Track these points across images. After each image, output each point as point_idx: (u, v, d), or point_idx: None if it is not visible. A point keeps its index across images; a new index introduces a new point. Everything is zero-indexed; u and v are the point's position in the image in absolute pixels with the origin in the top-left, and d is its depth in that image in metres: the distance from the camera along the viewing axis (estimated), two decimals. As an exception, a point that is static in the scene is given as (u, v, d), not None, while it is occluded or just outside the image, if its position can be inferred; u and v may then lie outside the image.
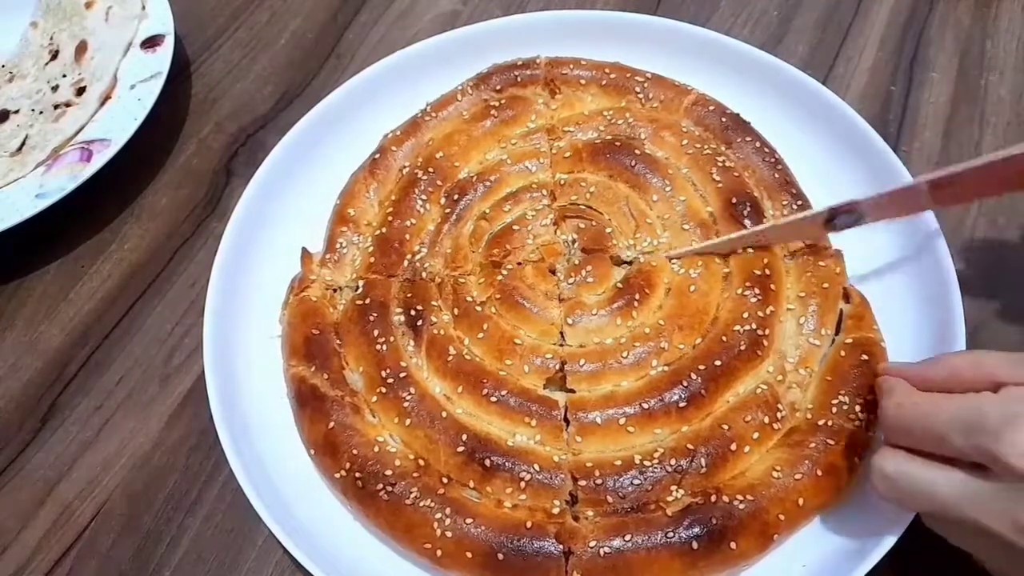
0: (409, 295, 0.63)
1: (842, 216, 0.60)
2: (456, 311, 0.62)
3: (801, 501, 0.53)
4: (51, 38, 0.84)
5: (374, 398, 0.59)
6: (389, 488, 0.54)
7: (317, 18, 0.90)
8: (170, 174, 0.78)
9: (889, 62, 0.81)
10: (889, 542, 0.51)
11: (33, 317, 0.70)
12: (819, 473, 0.53)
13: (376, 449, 0.56)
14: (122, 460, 0.63)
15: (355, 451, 0.56)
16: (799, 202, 0.66)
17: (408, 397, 0.58)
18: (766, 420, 0.56)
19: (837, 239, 0.64)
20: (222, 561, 0.59)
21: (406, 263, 0.65)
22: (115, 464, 0.63)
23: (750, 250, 0.63)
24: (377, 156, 0.71)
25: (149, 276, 0.72)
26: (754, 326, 0.59)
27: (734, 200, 0.65)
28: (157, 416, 0.65)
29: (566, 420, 0.57)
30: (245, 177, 0.70)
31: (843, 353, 0.58)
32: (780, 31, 0.85)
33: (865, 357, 0.58)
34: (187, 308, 0.70)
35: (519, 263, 0.64)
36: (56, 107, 0.78)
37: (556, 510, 0.53)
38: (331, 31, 0.88)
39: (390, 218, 0.67)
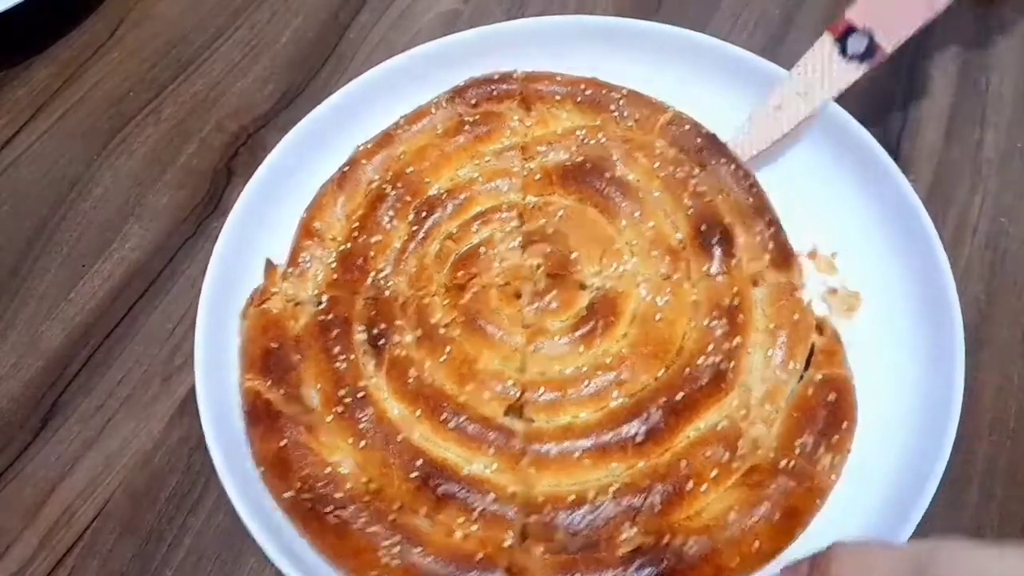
0: (373, 313, 0.62)
1: (851, 39, 0.52)
2: (419, 332, 0.60)
3: (757, 545, 0.51)
4: None
5: (329, 417, 0.58)
6: (339, 511, 0.53)
7: (318, 17, 0.89)
8: (171, 173, 0.78)
9: (889, 62, 0.81)
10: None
11: (34, 317, 0.70)
12: (777, 516, 0.52)
13: (328, 470, 0.55)
14: (124, 460, 0.63)
15: (306, 471, 0.55)
16: (772, 228, 0.64)
17: (364, 418, 0.57)
18: (726, 457, 0.54)
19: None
20: (224, 561, 0.59)
21: (369, 280, 0.64)
22: (116, 464, 0.63)
23: (720, 278, 0.62)
24: (347, 168, 0.70)
25: (150, 275, 0.72)
26: (719, 359, 0.57)
27: (703, 227, 0.63)
28: (159, 415, 0.65)
29: (524, 450, 0.55)
30: (246, 176, 0.70)
31: (811, 391, 0.57)
32: (781, 32, 0.84)
33: (833, 396, 0.56)
34: (188, 307, 0.70)
35: (484, 286, 0.63)
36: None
37: (508, 543, 0.52)
38: (332, 30, 0.88)
39: (355, 233, 0.66)
